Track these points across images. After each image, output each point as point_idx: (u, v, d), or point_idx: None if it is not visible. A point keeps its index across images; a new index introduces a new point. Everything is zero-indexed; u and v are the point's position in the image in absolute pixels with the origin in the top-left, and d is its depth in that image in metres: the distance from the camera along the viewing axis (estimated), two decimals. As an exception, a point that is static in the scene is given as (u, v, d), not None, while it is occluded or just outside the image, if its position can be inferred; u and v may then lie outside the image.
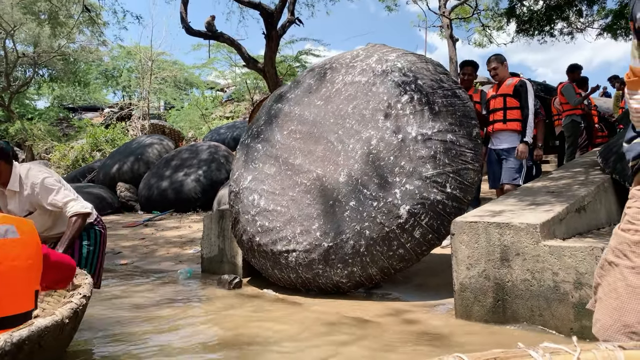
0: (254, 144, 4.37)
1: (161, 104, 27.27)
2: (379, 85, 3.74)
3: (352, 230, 3.38)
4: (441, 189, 3.26)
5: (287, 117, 4.26)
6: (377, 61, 3.91)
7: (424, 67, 3.73)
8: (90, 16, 14.08)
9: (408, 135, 3.42)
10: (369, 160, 3.51)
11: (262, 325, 2.85)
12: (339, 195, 3.54)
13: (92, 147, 16.48)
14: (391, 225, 3.26)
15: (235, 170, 4.47)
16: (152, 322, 2.98)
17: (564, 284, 2.49)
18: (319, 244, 3.48)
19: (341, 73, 4.12)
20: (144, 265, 5.24)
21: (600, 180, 3.60)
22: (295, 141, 4.05)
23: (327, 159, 3.75)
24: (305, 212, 3.66)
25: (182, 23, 11.28)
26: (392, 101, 3.59)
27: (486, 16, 20.27)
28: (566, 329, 2.48)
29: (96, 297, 3.66)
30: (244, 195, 4.11)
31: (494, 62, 4.71)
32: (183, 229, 7.64)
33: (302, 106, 4.20)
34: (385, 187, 3.36)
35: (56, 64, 24.79)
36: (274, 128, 4.30)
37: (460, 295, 2.89)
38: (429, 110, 3.46)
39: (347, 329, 2.74)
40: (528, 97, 4.48)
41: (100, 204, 10.07)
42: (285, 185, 3.89)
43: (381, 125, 3.56)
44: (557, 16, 13.26)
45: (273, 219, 3.81)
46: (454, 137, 3.36)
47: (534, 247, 2.59)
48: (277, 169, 4.02)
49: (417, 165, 3.32)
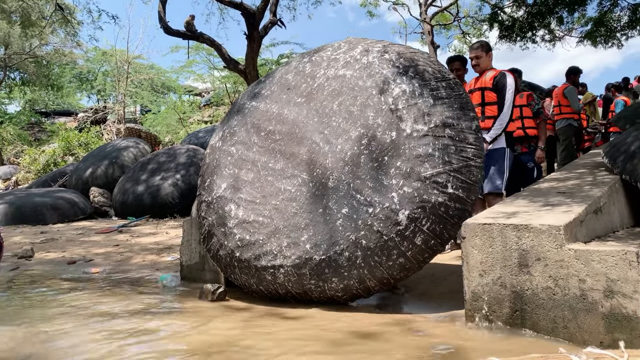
0: (227, 147, 3.96)
1: (137, 108, 26.64)
2: (366, 79, 3.42)
3: (347, 240, 3.04)
4: (442, 189, 2.94)
5: (264, 116, 3.87)
6: (362, 53, 3.60)
7: (413, 57, 3.43)
8: (63, 15, 13.54)
9: (402, 133, 3.10)
10: (361, 161, 3.18)
11: (255, 344, 2.51)
12: (329, 202, 3.19)
13: (65, 151, 15.89)
14: (390, 233, 2.94)
15: (205, 177, 4.05)
16: (119, 339, 2.62)
17: (592, 292, 2.24)
18: (310, 257, 3.14)
19: (322, 67, 3.78)
20: (118, 274, 4.84)
21: (610, 180, 3.39)
22: (274, 143, 3.67)
23: (313, 162, 3.39)
24: (292, 223, 3.29)
25: (161, 22, 10.90)
26: (382, 95, 3.28)
27: (466, 23, 20.41)
28: (595, 342, 2.22)
29: (58, 310, 3.28)
30: (219, 206, 3.72)
31: (478, 49, 4.17)
32: (160, 235, 7.25)
33: (280, 104, 3.82)
34: (381, 190, 3.03)
35: (28, 67, 24.01)
36: (249, 129, 3.89)
37: (472, 305, 2.61)
38: (423, 104, 3.14)
39: (353, 347, 2.43)
40: (505, 91, 3.97)
41: (72, 209, 9.60)
42: (267, 192, 3.51)
43: (371, 123, 3.25)
44: (538, 23, 13.29)
45: (255, 231, 3.44)
46: (452, 132, 3.05)
47: (557, 251, 2.33)
48: (255, 174, 3.64)
49: (415, 165, 3.00)
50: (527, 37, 13.75)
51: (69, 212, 9.52)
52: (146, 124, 20.75)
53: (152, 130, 17.13)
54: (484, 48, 4.17)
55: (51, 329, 2.80)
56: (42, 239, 7.13)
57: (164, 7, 10.94)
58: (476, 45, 4.19)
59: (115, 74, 23.23)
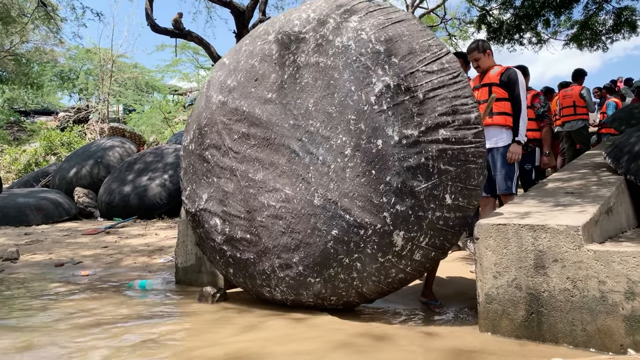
0: (201, 151, 3.52)
1: (120, 107, 26.23)
2: (343, 70, 2.90)
3: (340, 263, 2.83)
4: (440, 202, 2.65)
5: (235, 115, 3.33)
6: (335, 31, 2.99)
7: (397, 32, 2.82)
8: (46, 11, 13.23)
9: (389, 140, 2.69)
10: (346, 176, 2.79)
11: (262, 350, 2.42)
12: (318, 222, 2.86)
13: (47, 150, 15.53)
14: (386, 255, 2.73)
15: (185, 184, 3.68)
16: (128, 351, 2.51)
17: (612, 294, 2.20)
18: (305, 279, 2.97)
19: (291, 50, 3.16)
20: (109, 277, 4.69)
21: (616, 180, 3.38)
22: (250, 149, 3.22)
23: (295, 174, 3.00)
24: (281, 243, 3.01)
25: (148, 20, 10.69)
26: (362, 93, 2.81)
27: (452, 25, 20.51)
28: (615, 345, 2.19)
29: (55, 317, 3.15)
30: (204, 219, 3.43)
31: (474, 51, 3.98)
32: (149, 236, 7.08)
33: (249, 100, 3.27)
34: (371, 210, 2.71)
35: (7, 65, 23.44)
36: (220, 131, 3.39)
37: (485, 308, 2.56)
38: (411, 101, 2.70)
39: (366, 351, 2.35)
40: (519, 88, 3.80)
41: (56, 210, 9.35)
42: (251, 207, 3.15)
43: (354, 129, 2.80)
44: (525, 25, 13.41)
45: (244, 249, 3.19)
46: (448, 133, 2.64)
47: (576, 252, 2.29)
48: (235, 185, 3.26)
49: (407, 178, 2.65)
50: (515, 39, 13.90)
51: (53, 213, 9.27)
52: (130, 123, 20.44)
53: (136, 130, 16.86)
54: (480, 49, 3.98)
55: (48, 338, 2.67)
56: (27, 241, 6.91)
57: (151, 4, 10.73)
58: (472, 47, 4.00)
59: (99, 72, 22.83)
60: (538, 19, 13.49)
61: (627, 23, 11.15)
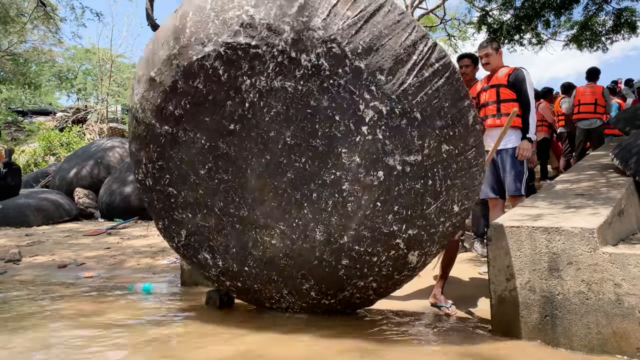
0: (162, 188, 2.97)
1: (118, 108, 26.17)
2: (320, 97, 2.43)
3: (354, 286, 2.81)
4: (449, 214, 2.56)
5: (193, 150, 2.77)
6: (297, 44, 2.39)
7: (375, 34, 2.32)
8: (45, 11, 13.18)
9: (392, 171, 2.43)
10: (349, 211, 2.56)
11: (268, 353, 2.40)
12: (324, 254, 2.69)
13: (46, 150, 15.47)
14: (401, 272, 2.75)
15: (156, 217, 3.15)
16: (126, 350, 2.49)
17: (628, 297, 2.19)
18: (317, 302, 2.96)
19: (244, 71, 2.51)
20: (113, 278, 4.67)
21: (625, 182, 3.37)
22: (225, 184, 2.77)
23: (287, 211, 2.68)
24: (286, 274, 2.85)
25: (148, 20, 10.64)
26: (351, 123, 2.42)
27: (452, 26, 20.52)
28: (631, 348, 2.18)
29: (54, 316, 3.12)
30: (190, 254, 3.12)
31: (487, 47, 3.94)
32: (152, 237, 7.04)
33: (208, 133, 2.70)
34: (382, 239, 2.58)
35: (5, 65, 23.36)
36: (180, 167, 2.84)
37: (498, 310, 2.55)
38: (408, 124, 2.36)
39: (374, 355, 2.33)
40: (527, 87, 3.76)
41: (56, 211, 9.31)
42: (242, 243, 2.86)
43: (347, 163, 2.48)
44: (525, 26, 13.43)
45: (245, 279, 3.00)
46: (449, 146, 2.41)
47: (591, 254, 2.28)
48: (217, 220, 2.88)
49: (415, 203, 2.48)
50: (515, 40, 13.92)
51: (53, 214, 9.22)
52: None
53: (136, 130, 16.78)
54: (493, 46, 3.98)
55: (55, 340, 2.64)
56: (28, 242, 6.87)
57: (151, 4, 10.70)
58: (485, 43, 3.97)
59: (97, 72, 22.79)
60: (538, 20, 13.52)
61: (626, 24, 11.18)
